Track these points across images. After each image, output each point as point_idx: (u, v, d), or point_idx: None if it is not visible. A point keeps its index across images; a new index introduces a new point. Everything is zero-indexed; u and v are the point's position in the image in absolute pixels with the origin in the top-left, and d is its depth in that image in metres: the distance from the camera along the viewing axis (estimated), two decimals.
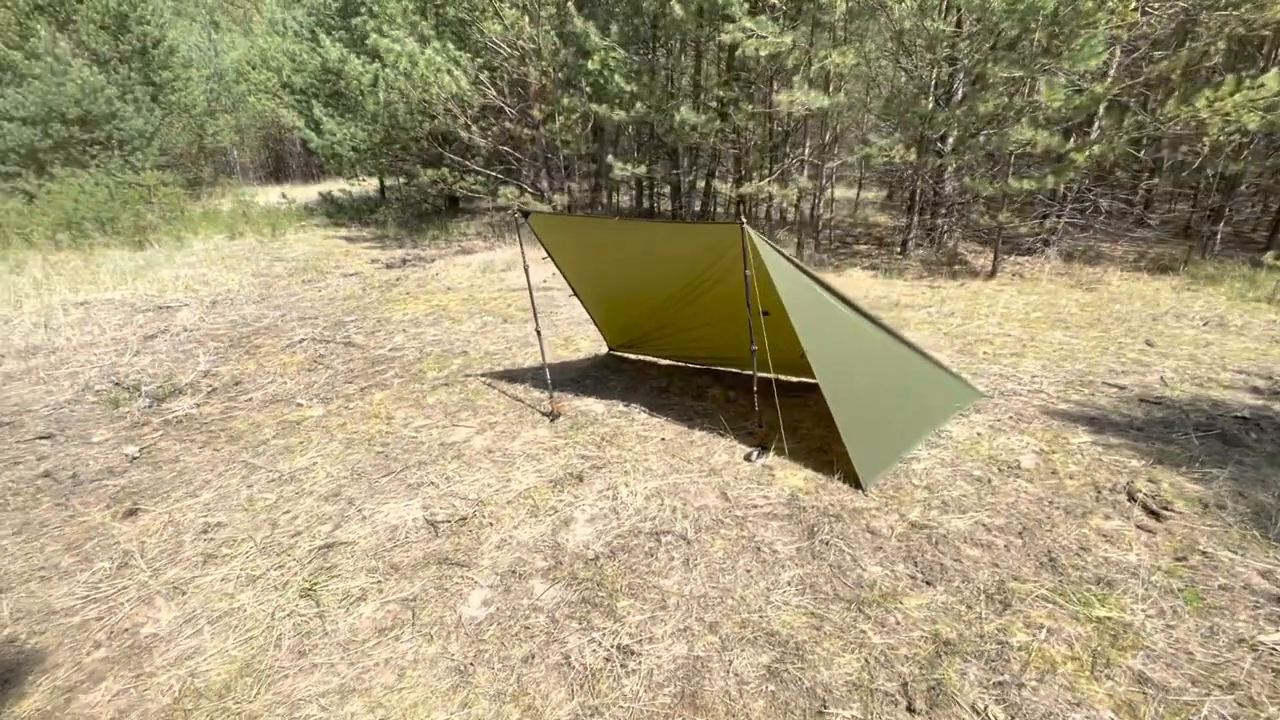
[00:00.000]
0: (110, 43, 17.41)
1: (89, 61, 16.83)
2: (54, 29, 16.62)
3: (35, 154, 16.03)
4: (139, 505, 3.57)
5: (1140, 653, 2.30)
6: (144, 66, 18.43)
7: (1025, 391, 4.73)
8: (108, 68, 17.26)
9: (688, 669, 2.30)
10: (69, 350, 6.29)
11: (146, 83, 18.54)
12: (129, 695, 2.28)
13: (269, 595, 2.76)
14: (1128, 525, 3.06)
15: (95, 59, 17.13)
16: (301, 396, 5.09)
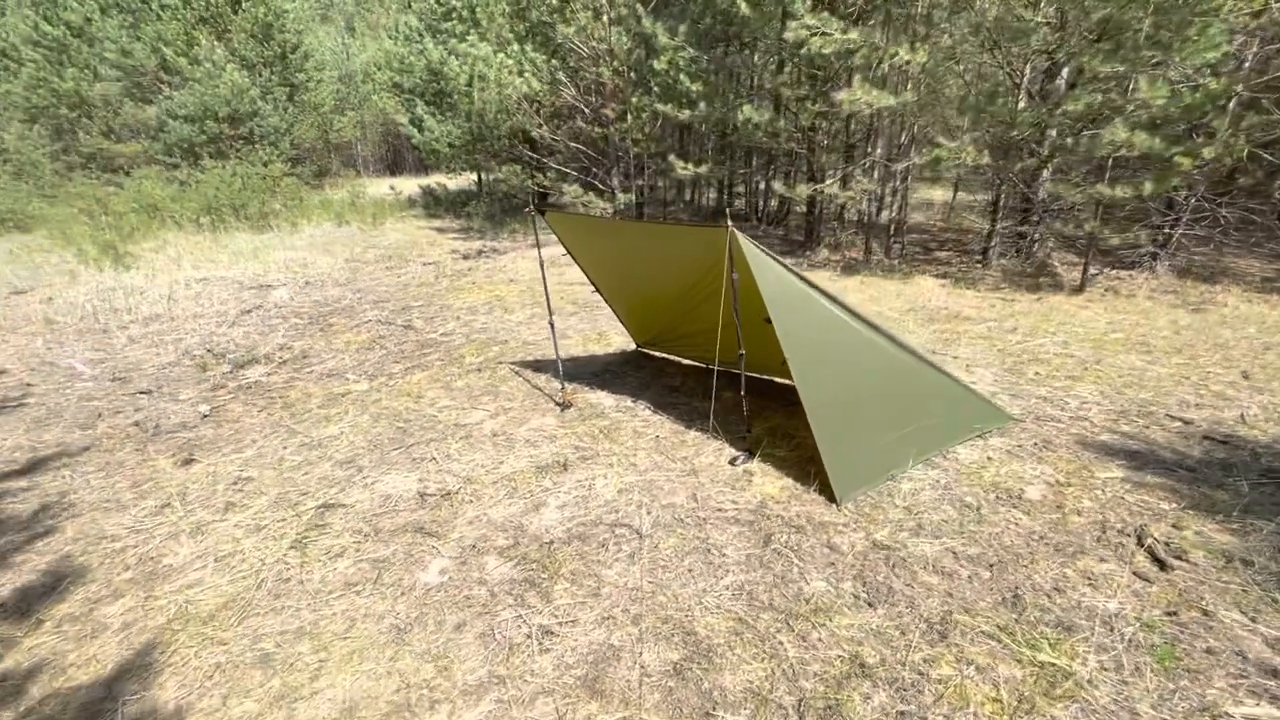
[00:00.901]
0: (257, 49, 19.60)
1: (239, 66, 19.05)
2: (213, 38, 18.95)
3: (192, 147, 18.39)
4: (194, 456, 4.13)
5: (1075, 705, 2.13)
6: (283, 69, 20.60)
7: (1066, 418, 4.35)
8: (253, 71, 19.45)
9: (599, 655, 2.40)
10: (181, 319, 7.27)
11: (284, 84, 20.72)
12: (135, 612, 2.70)
13: (267, 543, 3.15)
14: (1122, 571, 2.79)
15: (244, 63, 19.36)
16: (352, 372, 5.61)
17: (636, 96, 9.49)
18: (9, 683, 2.36)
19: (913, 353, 3.83)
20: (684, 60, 8.79)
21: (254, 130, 19.05)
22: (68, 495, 3.68)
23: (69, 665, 2.43)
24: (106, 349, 6.33)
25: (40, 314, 7.38)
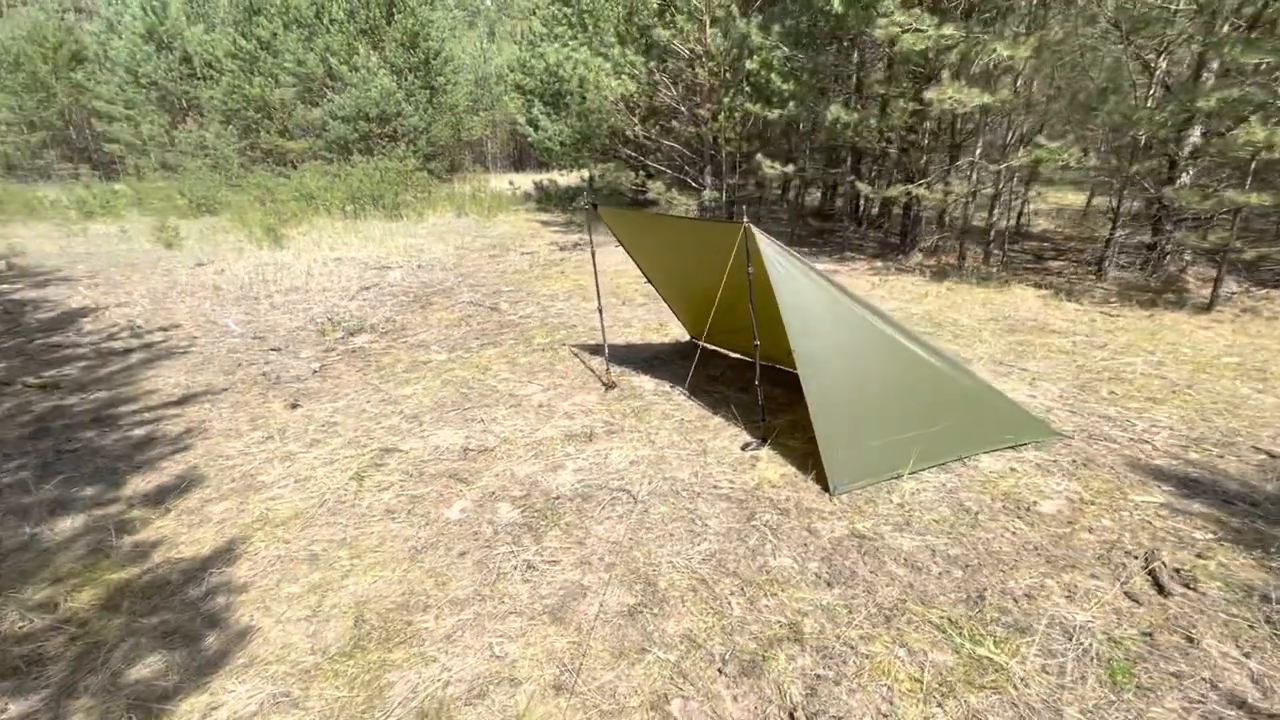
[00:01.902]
0: (404, 56, 21.81)
1: (389, 71, 21.31)
2: (369, 47, 21.34)
3: (347, 144, 20.87)
4: (299, 402, 4.97)
5: (996, 697, 2.18)
6: (425, 74, 22.74)
7: (1125, 439, 4.07)
8: (400, 76, 21.67)
9: (569, 591, 2.75)
10: (313, 292, 8.50)
11: (425, 87, 22.86)
12: (231, 512, 3.43)
13: (335, 473, 3.81)
14: (1111, 589, 2.70)
15: (392, 69, 21.62)
16: (437, 345, 6.36)
17: (729, 96, 9.65)
18: (140, 549, 3.12)
19: (940, 356, 3.81)
20: (777, 60, 8.83)
21: (397, 129, 21.25)
22: (204, 423, 4.61)
23: (180, 543, 3.17)
24: (253, 313, 7.58)
25: (211, 282, 8.94)
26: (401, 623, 2.59)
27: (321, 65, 20.97)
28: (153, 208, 16.49)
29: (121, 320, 7.25)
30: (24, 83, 23.87)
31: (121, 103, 22.16)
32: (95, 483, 3.77)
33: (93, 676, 2.33)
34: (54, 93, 24.37)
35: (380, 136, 21.09)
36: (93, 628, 2.59)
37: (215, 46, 21.27)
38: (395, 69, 21.58)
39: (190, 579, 2.90)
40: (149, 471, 3.90)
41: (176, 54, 21.96)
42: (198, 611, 2.68)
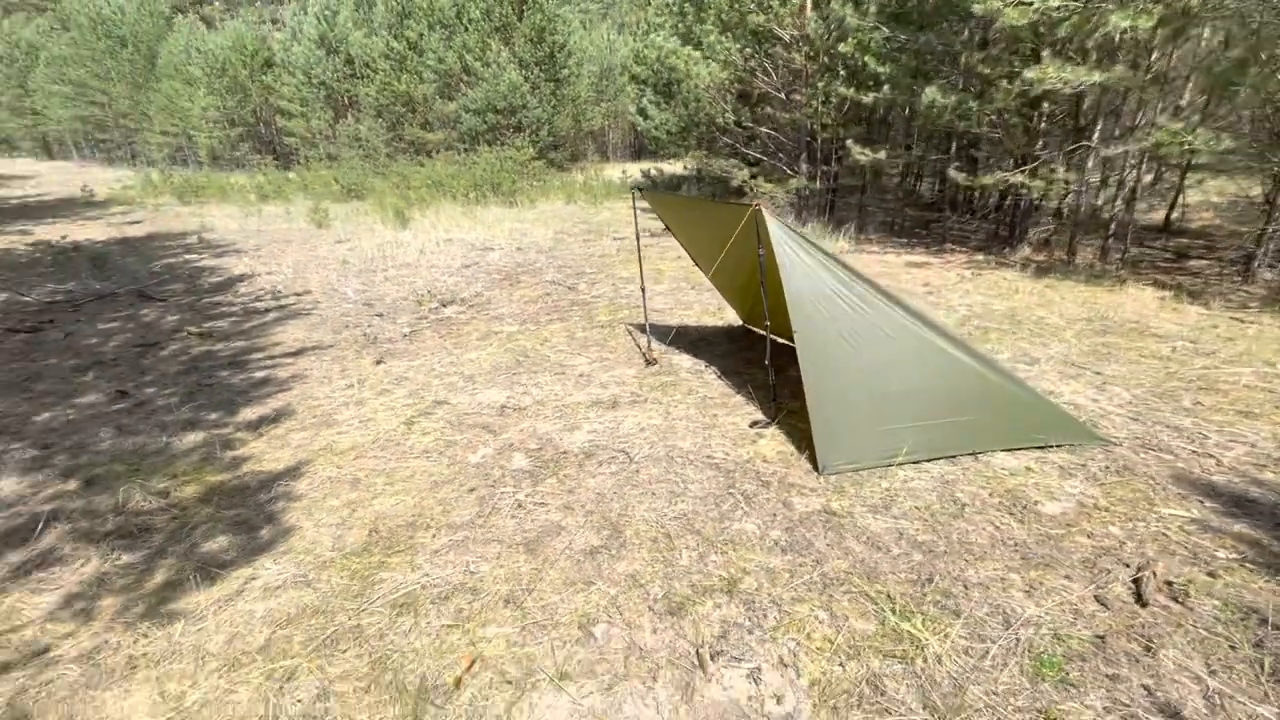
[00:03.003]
0: (531, 51, 23.12)
1: (517, 66, 22.72)
2: (500, 43, 22.86)
3: (477, 135, 22.59)
4: (383, 360, 5.74)
5: (901, 665, 2.24)
6: (551, 67, 23.96)
7: (1186, 452, 3.71)
8: (526, 69, 23.02)
9: (546, 529, 3.11)
10: (422, 268, 9.52)
11: (550, 80, 24.10)
12: (306, 441, 4.15)
13: (391, 419, 4.44)
14: (1080, 592, 2.59)
15: (520, 63, 23.01)
16: (510, 318, 6.96)
17: (824, 80, 9.40)
18: (235, 461, 3.91)
19: (965, 350, 3.69)
20: (875, 42, 8.49)
21: (521, 120, 22.64)
22: (307, 370, 5.50)
23: (264, 460, 3.92)
24: (369, 283, 8.68)
25: (342, 256, 10.29)
26: (405, 537, 3.08)
27: (459, 62, 22.80)
28: (314, 192, 18.94)
29: (267, 285, 8.62)
30: (227, 85, 28.17)
31: (297, 101, 25.51)
32: (218, 410, 4.69)
33: (178, 545, 3.05)
34: (249, 93, 28.53)
35: (506, 128, 22.59)
36: (188, 512, 3.34)
37: (372, 49, 23.81)
38: (522, 63, 22.95)
39: (263, 487, 3.60)
40: (256, 404, 4.77)
41: (341, 57, 24.86)
42: (262, 511, 3.36)
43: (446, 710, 2.11)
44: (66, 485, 3.65)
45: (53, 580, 2.82)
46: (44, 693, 2.23)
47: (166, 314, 7.40)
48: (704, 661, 2.26)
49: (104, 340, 6.43)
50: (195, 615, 2.60)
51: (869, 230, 11.49)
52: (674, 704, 2.12)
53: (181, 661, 2.36)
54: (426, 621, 2.51)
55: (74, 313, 7.46)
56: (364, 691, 2.19)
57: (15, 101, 39.48)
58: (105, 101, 33.00)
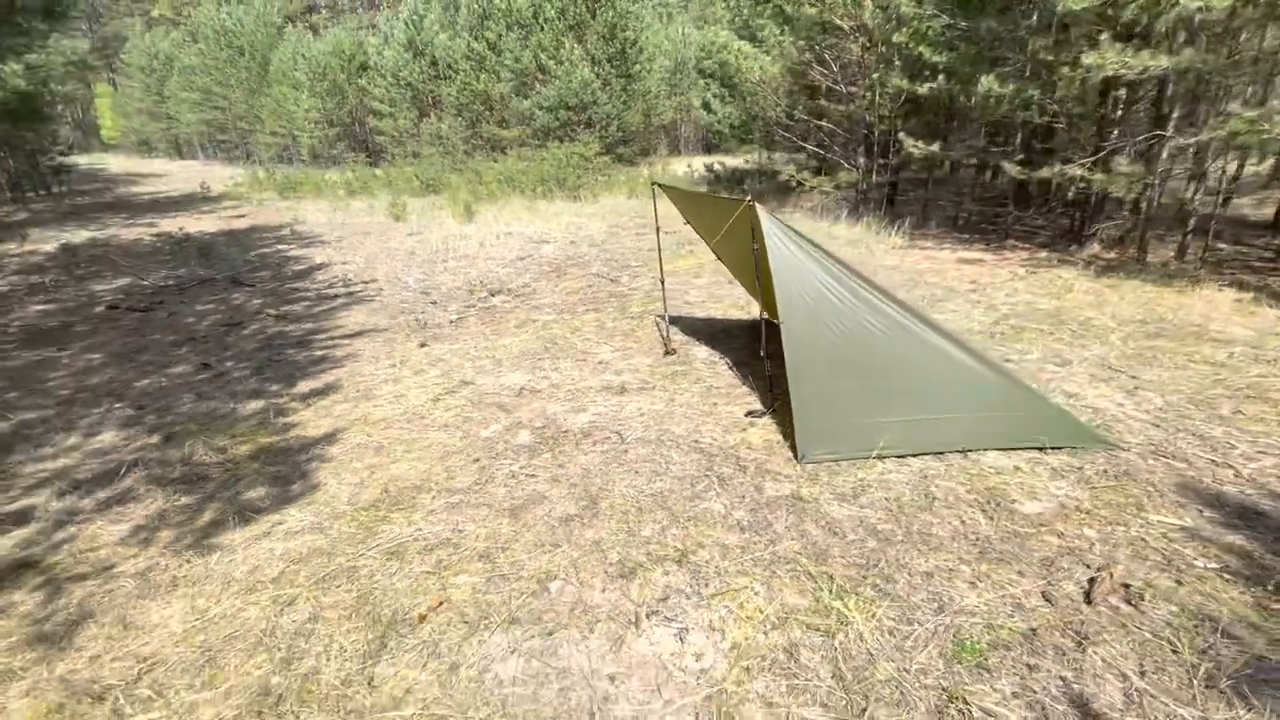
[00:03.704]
0: (603, 47, 23.57)
1: (588, 63, 23.24)
2: (574, 41, 23.44)
3: (549, 132, 23.33)
4: (427, 343, 6.25)
5: (821, 638, 2.37)
6: (622, 63, 24.33)
7: (1204, 461, 3.53)
8: (597, 65, 23.50)
9: (531, 498, 3.41)
10: (479, 259, 10.10)
11: (621, 75, 24.48)
12: (345, 411, 4.66)
13: (421, 395, 4.89)
14: (1028, 588, 2.60)
15: (592, 60, 23.51)
16: (550, 307, 7.34)
17: (879, 71, 9.17)
18: (285, 426, 4.46)
19: (963, 348, 3.67)
20: (933, 30, 8.22)
21: (591, 117, 23.16)
22: (361, 351, 6.08)
23: (308, 426, 4.45)
24: (430, 273, 9.33)
25: (410, 248, 11.06)
26: (410, 497, 3.47)
27: (534, 60, 23.59)
28: (397, 187, 20.25)
29: (341, 274, 9.45)
30: (327, 88, 30.42)
31: (387, 101, 27.22)
32: (280, 382, 5.32)
33: (225, 492, 3.58)
34: (346, 95, 30.68)
35: (577, 124, 23.19)
36: (239, 467, 3.89)
37: (455, 50, 25.04)
38: (594, 60, 23.45)
39: (303, 449, 4.12)
40: (312, 379, 5.36)
41: (427, 59, 26.29)
42: (298, 468, 3.85)
43: (407, 640, 2.44)
44: (150, 439, 4.31)
45: (127, 514, 3.41)
46: (106, 599, 2.75)
47: (253, 298, 8.30)
48: (638, 619, 2.49)
49: (199, 320, 7.33)
50: (229, 549, 3.08)
51: (931, 225, 11.09)
52: (603, 652, 2.36)
53: (211, 584, 2.83)
54: (410, 567, 2.87)
55: (179, 295, 8.51)
56: (345, 619, 2.57)
57: (153, 107, 44.22)
58: (225, 106, 36.41)
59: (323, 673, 2.30)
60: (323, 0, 59.38)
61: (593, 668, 2.29)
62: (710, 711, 2.10)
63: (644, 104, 25.80)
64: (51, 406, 4.98)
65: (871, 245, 9.58)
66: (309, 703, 2.18)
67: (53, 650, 2.46)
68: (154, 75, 42.96)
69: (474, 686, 2.23)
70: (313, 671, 2.30)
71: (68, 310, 8.00)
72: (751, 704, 2.12)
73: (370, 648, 2.41)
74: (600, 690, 2.20)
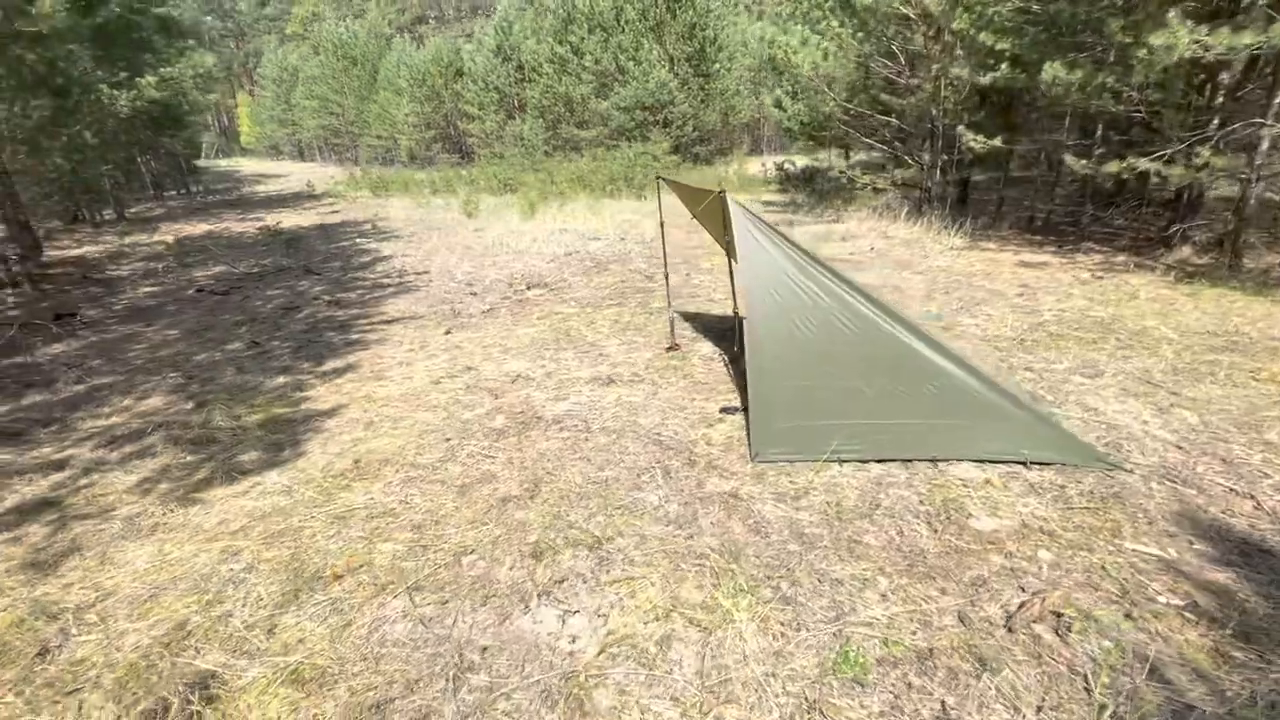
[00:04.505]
0: (681, 47, 23.59)
1: (666, 63, 23.34)
2: (653, 42, 23.62)
3: (624, 132, 23.65)
4: (451, 330, 6.57)
5: (698, 633, 2.31)
6: (700, 62, 24.24)
7: (1221, 490, 3.11)
8: (675, 65, 23.55)
9: (483, 477, 3.53)
10: (528, 255, 10.45)
11: (699, 74, 24.40)
12: (355, 389, 5.00)
13: (424, 379, 5.16)
14: (946, 607, 2.41)
15: (670, 60, 23.59)
16: (576, 301, 7.49)
17: (942, 62, 8.61)
18: (298, 400, 4.85)
19: (943, 352, 3.42)
20: (999, 15, 7.64)
21: (666, 116, 23.25)
22: (391, 335, 6.49)
23: (318, 401, 4.82)
24: (478, 267, 9.76)
25: (468, 243, 11.61)
26: (375, 469, 3.69)
27: (613, 62, 24.00)
28: (478, 186, 21.28)
29: (400, 266, 10.08)
30: (425, 93, 32.43)
31: (476, 105, 28.62)
32: (310, 360, 5.79)
33: (224, 454, 3.96)
34: (442, 100, 32.57)
35: (652, 124, 23.35)
36: (245, 433, 4.29)
37: (539, 54, 25.92)
38: (672, 60, 23.52)
39: (305, 420, 4.47)
40: (338, 358, 5.79)
41: (513, 63, 27.39)
42: (293, 437, 4.20)
43: (317, 596, 2.62)
44: (185, 405, 4.84)
45: (140, 466, 3.85)
46: (96, 536, 3.14)
47: (317, 285, 9.04)
48: (531, 598, 2.53)
49: (265, 303, 8.09)
50: (208, 503, 3.42)
51: (1003, 226, 10.29)
52: (485, 625, 2.43)
53: (183, 533, 3.15)
54: (348, 532, 3.07)
55: (258, 282, 9.42)
56: (275, 571, 2.79)
57: (281, 114, 48.89)
58: (339, 112, 39.64)
59: (235, 616, 2.52)
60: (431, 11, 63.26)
61: (470, 639, 2.36)
62: (561, 691, 2.12)
63: (722, 103, 25.59)
64: (122, 373, 5.69)
65: (927, 245, 9.04)
66: (212, 640, 2.40)
67: (39, 575, 2.85)
68: (283, 85, 47.44)
69: (359, 643, 2.37)
70: (226, 614, 2.53)
71: (167, 293, 9.06)
72: (604, 689, 2.12)
73: (284, 599, 2.61)
74: (468, 659, 2.27)
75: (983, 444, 3.39)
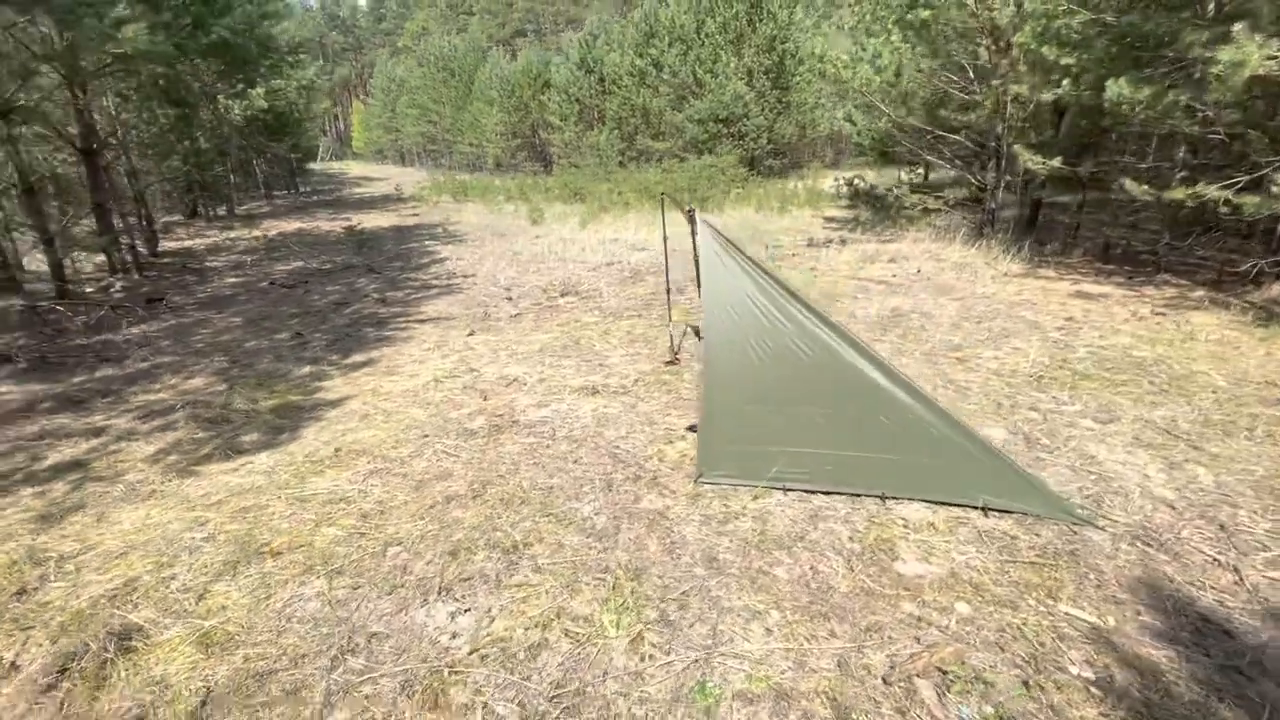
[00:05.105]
0: (759, 60, 23.42)
1: (743, 75, 23.24)
2: (731, 54, 23.59)
3: (697, 144, 23.73)
4: (474, 332, 6.88)
5: (568, 644, 2.35)
6: (778, 75, 23.95)
7: (1202, 557, 2.81)
8: (752, 77, 23.39)
9: (440, 474, 3.71)
10: (571, 262, 10.73)
11: (777, 87, 24.11)
12: (367, 382, 5.36)
13: (428, 377, 5.45)
14: (828, 649, 2.33)
15: (748, 72, 23.47)
16: (599, 310, 7.64)
17: (1003, 78, 8.10)
18: (313, 390, 5.26)
19: (904, 386, 3.28)
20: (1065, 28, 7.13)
21: (740, 129, 23.12)
22: (418, 335, 6.88)
23: (329, 391, 5.21)
24: (522, 272, 10.13)
25: (517, 249, 12.06)
26: (351, 458, 3.97)
27: (691, 74, 24.17)
28: (551, 195, 22.01)
29: (451, 269, 10.64)
30: (514, 104, 33.90)
31: (559, 116, 29.60)
32: (338, 353, 6.25)
33: (231, 434, 4.37)
34: (529, 110, 33.92)
35: (726, 136, 23.30)
36: (257, 416, 4.71)
37: (620, 67, 26.51)
38: (750, 72, 23.39)
39: (311, 409, 4.85)
40: (363, 353, 6.22)
41: (595, 75, 28.14)
42: (295, 423, 4.57)
43: (252, 569, 2.87)
44: (219, 387, 5.36)
45: (159, 439, 4.33)
46: (102, 498, 3.57)
47: (373, 283, 9.70)
48: (431, 592, 2.66)
49: (322, 298, 8.78)
50: (203, 476, 3.80)
51: (1075, 253, 9.53)
52: (383, 612, 2.58)
53: (171, 500, 3.53)
54: (303, 514, 3.33)
55: (324, 278, 10.22)
56: (228, 542, 3.08)
57: (387, 122, 52.53)
58: (437, 120, 42.13)
59: (177, 579, 2.81)
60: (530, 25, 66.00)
61: (364, 624, 2.52)
62: (423, 683, 2.22)
63: (800, 116, 25.14)
64: (182, 354, 6.37)
65: (978, 270, 8.52)
66: (151, 598, 2.69)
67: (45, 526, 3.28)
68: (390, 95, 50.98)
69: (270, 615, 2.58)
70: (172, 576, 2.82)
71: (246, 284, 10.02)
72: (460, 686, 2.21)
73: (224, 569, 2.88)
74: (353, 642, 2.42)
75: (937, 484, 3.22)
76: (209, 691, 2.22)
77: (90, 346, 6.68)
